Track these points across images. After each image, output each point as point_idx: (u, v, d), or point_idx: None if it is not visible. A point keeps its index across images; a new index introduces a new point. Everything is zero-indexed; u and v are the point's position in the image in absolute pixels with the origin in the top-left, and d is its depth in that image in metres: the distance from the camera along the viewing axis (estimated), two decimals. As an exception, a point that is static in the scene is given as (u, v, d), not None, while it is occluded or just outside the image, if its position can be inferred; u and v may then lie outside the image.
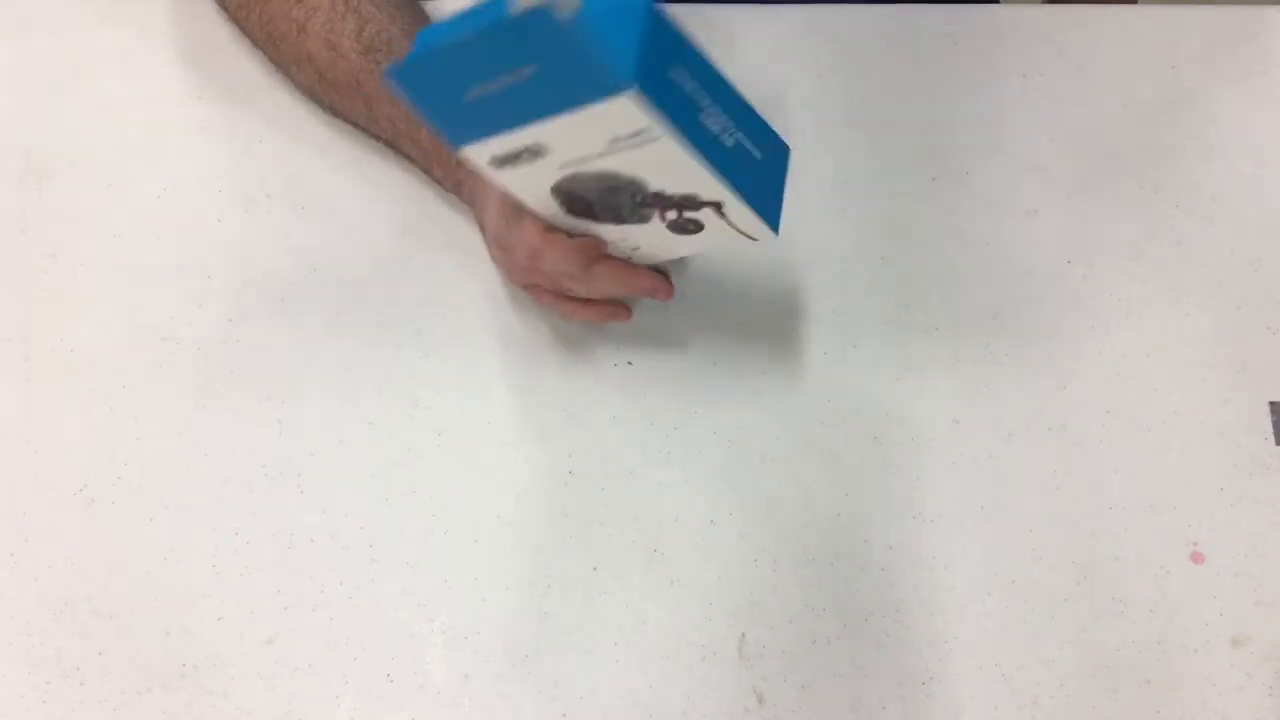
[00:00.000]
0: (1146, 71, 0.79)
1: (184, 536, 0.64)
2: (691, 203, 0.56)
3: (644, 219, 0.58)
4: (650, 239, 0.60)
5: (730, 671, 0.62)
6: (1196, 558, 0.65)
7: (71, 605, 0.63)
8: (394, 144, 0.71)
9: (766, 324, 0.70)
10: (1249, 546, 0.65)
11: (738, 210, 0.56)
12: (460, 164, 0.67)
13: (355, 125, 0.73)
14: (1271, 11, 0.81)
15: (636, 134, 0.51)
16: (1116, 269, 0.72)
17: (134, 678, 0.61)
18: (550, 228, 0.61)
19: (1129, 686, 0.62)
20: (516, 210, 0.61)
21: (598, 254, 0.62)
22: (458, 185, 0.68)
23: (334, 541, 0.64)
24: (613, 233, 0.61)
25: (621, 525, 0.65)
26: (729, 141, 0.55)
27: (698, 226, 0.58)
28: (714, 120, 0.54)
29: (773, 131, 0.59)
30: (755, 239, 0.58)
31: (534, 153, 0.54)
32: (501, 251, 0.65)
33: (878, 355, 0.70)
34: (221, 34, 0.77)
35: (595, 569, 0.64)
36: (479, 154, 0.55)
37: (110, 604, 0.63)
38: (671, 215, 0.58)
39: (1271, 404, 0.68)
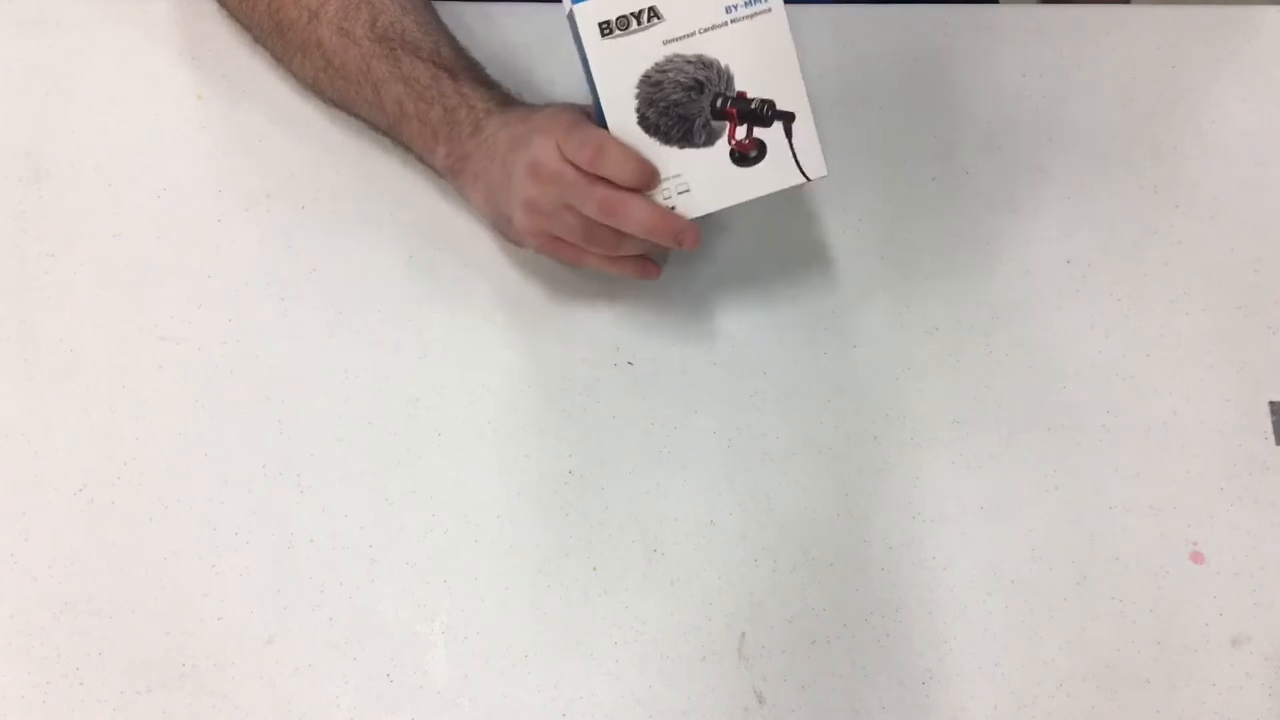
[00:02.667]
0: (1146, 71, 0.79)
1: (184, 536, 0.64)
2: (767, 114, 0.61)
3: (711, 138, 0.61)
4: (705, 172, 0.61)
5: (730, 671, 0.62)
6: (1196, 558, 0.65)
7: (71, 605, 0.63)
8: (396, 129, 0.71)
9: (767, 324, 0.70)
10: (1249, 546, 0.65)
11: (806, 132, 0.61)
12: (473, 135, 0.67)
13: (357, 115, 0.73)
14: (1271, 11, 0.81)
15: (753, 1, 0.59)
16: (1116, 269, 0.72)
17: (134, 678, 0.61)
18: None
19: (1129, 686, 0.62)
20: (579, 120, 0.62)
21: (651, 180, 0.61)
22: (463, 159, 0.68)
23: (334, 541, 0.64)
24: (670, 164, 0.61)
25: (621, 525, 0.65)
26: None
27: (760, 154, 0.61)
28: None
29: None
30: (809, 177, 0.62)
31: (652, 15, 0.59)
32: (540, 184, 0.62)
33: (878, 355, 0.70)
34: (222, 33, 0.77)
35: (595, 569, 0.64)
36: (595, 12, 0.59)
37: (110, 604, 0.63)
38: (741, 134, 0.61)
39: (1271, 404, 0.68)
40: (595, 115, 0.61)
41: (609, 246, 0.63)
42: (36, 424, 0.67)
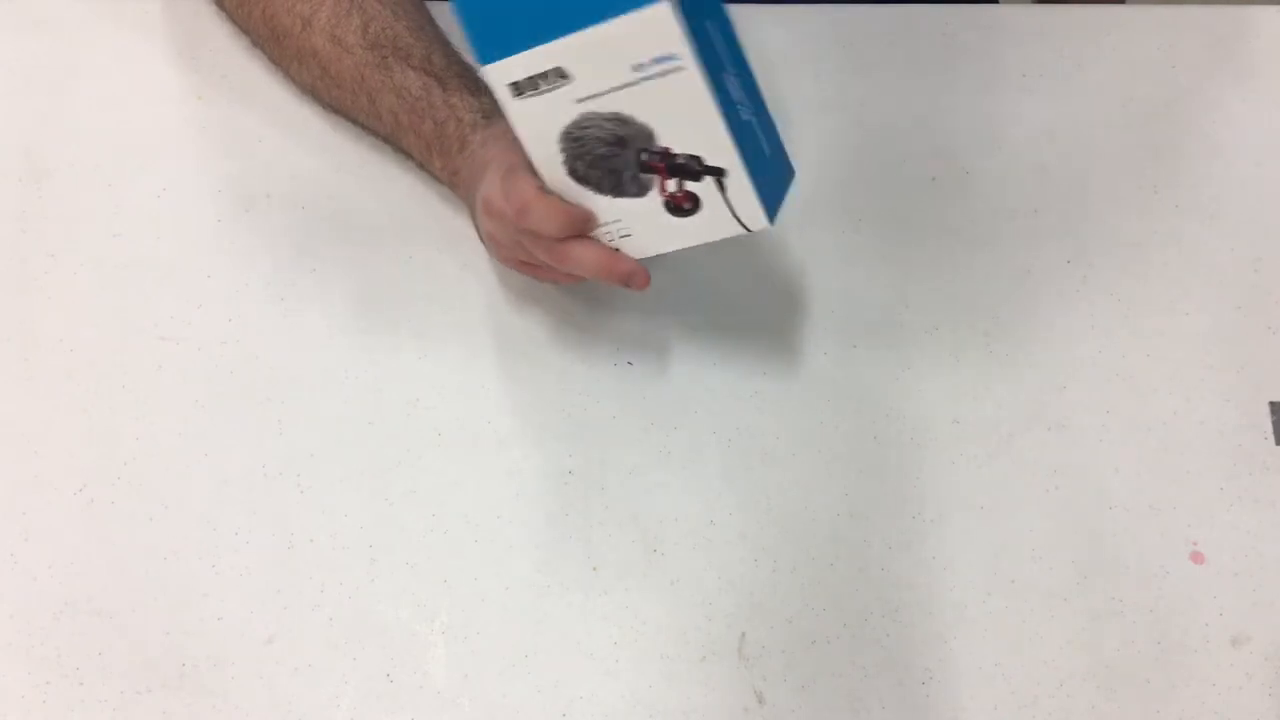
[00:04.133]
0: (1146, 71, 0.79)
1: (184, 536, 0.64)
2: (695, 169, 0.57)
3: (643, 190, 0.58)
4: (643, 221, 0.60)
5: (730, 671, 0.62)
6: (1196, 558, 0.65)
7: (71, 605, 0.63)
8: (394, 138, 0.71)
9: (766, 324, 0.70)
10: (1249, 546, 0.65)
11: (740, 186, 0.57)
12: (460, 150, 0.67)
13: (355, 122, 0.73)
14: (1271, 11, 0.81)
15: (662, 59, 0.53)
16: (1116, 269, 0.72)
17: (134, 678, 0.61)
18: (547, 189, 0.61)
19: (1129, 686, 0.62)
20: (515, 167, 0.61)
21: (583, 226, 0.60)
22: (455, 174, 0.68)
23: (334, 541, 0.64)
24: (606, 211, 0.60)
25: (621, 525, 0.65)
26: (745, 115, 0.57)
27: (694, 206, 0.58)
28: (734, 88, 0.57)
29: (784, 150, 0.61)
30: (749, 229, 0.58)
31: (558, 76, 0.55)
32: (491, 220, 0.63)
33: (878, 355, 0.70)
34: (221, 34, 0.77)
35: (595, 569, 0.64)
36: (504, 73, 0.56)
37: (110, 604, 0.63)
38: (671, 186, 0.58)
39: (1271, 404, 0.68)
40: None
41: (568, 278, 0.64)
42: (36, 424, 0.67)
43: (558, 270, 0.63)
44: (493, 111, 0.67)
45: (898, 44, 0.79)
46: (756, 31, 0.78)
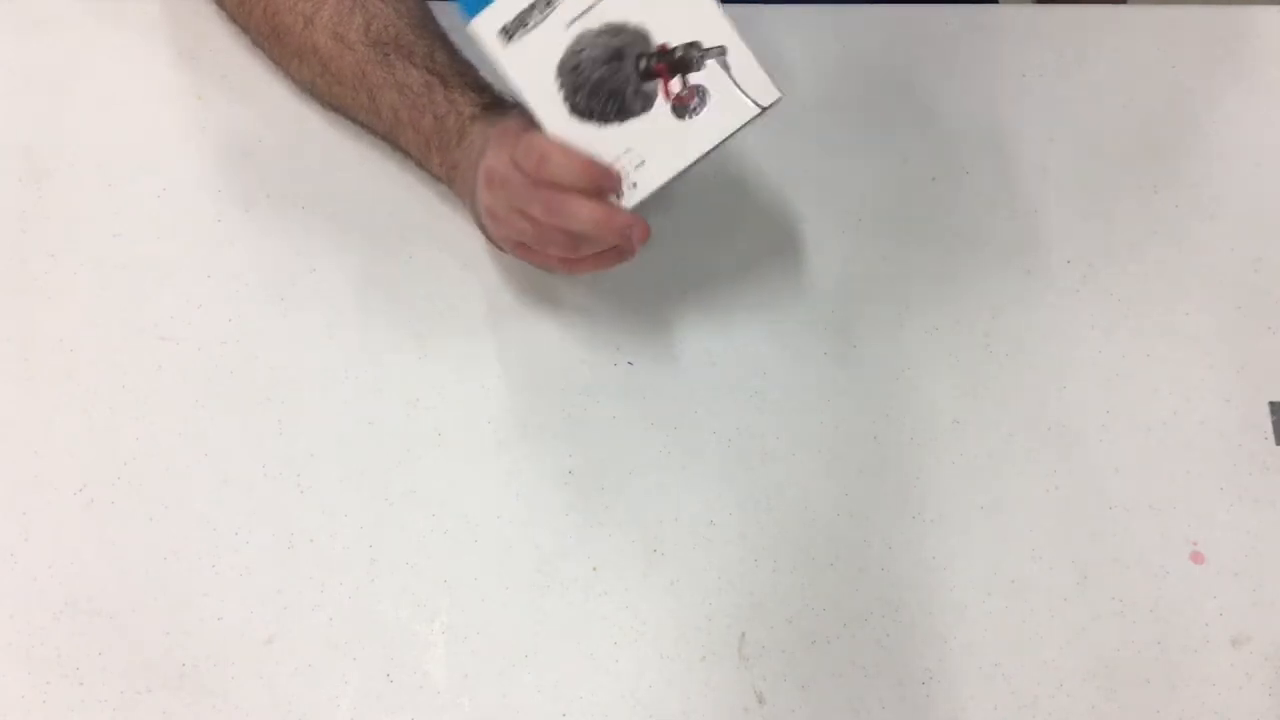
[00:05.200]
0: (1146, 71, 0.79)
1: (184, 536, 0.64)
2: (696, 55, 0.57)
3: (648, 103, 0.59)
4: (655, 138, 0.59)
5: (730, 671, 0.62)
6: (1196, 558, 0.65)
7: (71, 605, 0.63)
8: (393, 135, 0.71)
9: (766, 324, 0.70)
10: (1249, 546, 0.65)
11: (743, 60, 0.58)
12: (459, 143, 0.67)
13: (355, 120, 0.73)
14: (1271, 11, 0.81)
15: None
16: (1116, 269, 0.72)
17: (134, 678, 0.61)
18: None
19: (1129, 686, 0.62)
20: (524, 127, 0.61)
21: (601, 179, 0.59)
22: (453, 168, 0.68)
23: (334, 541, 0.64)
24: (617, 142, 0.60)
25: (621, 525, 0.65)
26: None
27: (702, 101, 0.58)
28: None
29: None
30: (761, 105, 0.58)
31: (545, 3, 0.56)
32: (492, 191, 0.63)
33: (878, 355, 0.70)
34: (221, 34, 0.77)
35: (595, 569, 0.64)
36: (493, 19, 0.57)
37: (110, 604, 0.63)
38: (676, 86, 0.58)
39: (1271, 404, 0.68)
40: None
41: (565, 248, 0.63)
42: (36, 424, 0.67)
43: (548, 248, 0.63)
44: (493, 106, 0.67)
45: (898, 44, 0.79)
46: (756, 31, 0.78)
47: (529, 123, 0.61)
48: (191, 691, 0.61)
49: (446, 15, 0.72)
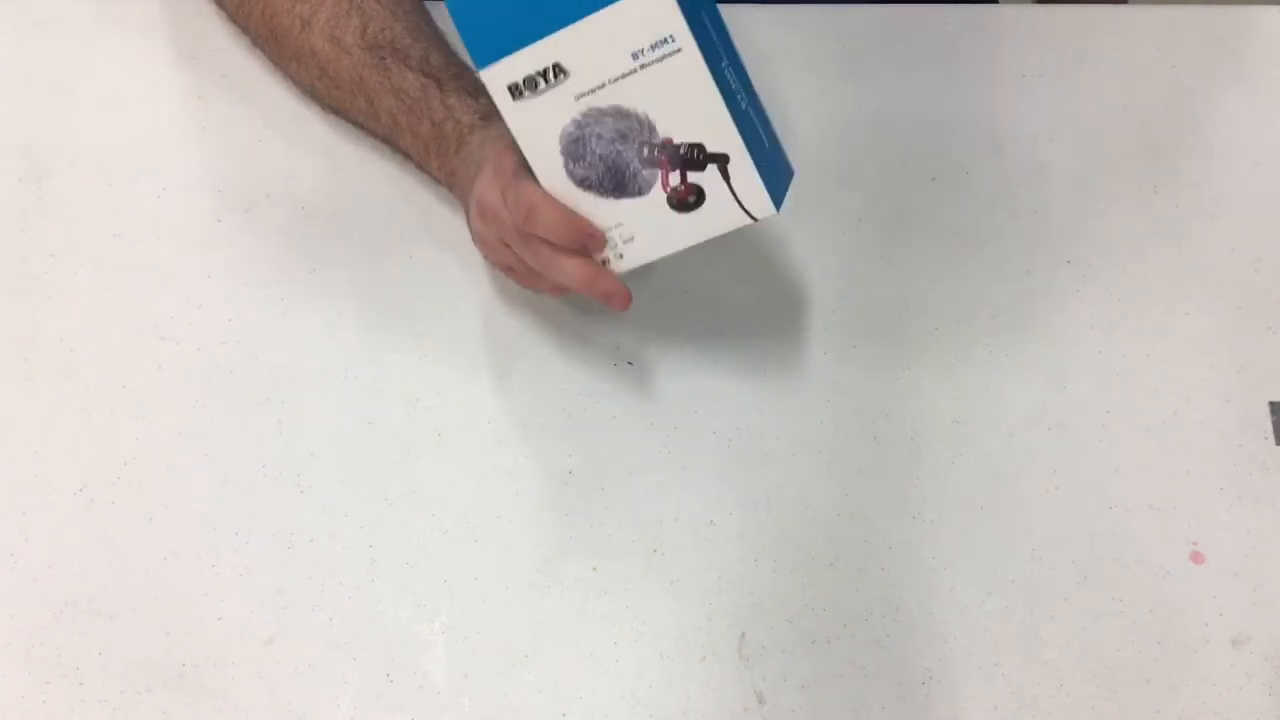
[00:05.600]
0: (1146, 71, 0.79)
1: (184, 536, 0.64)
2: (698, 157, 0.57)
3: (645, 187, 0.58)
4: (646, 220, 0.59)
5: (730, 671, 0.62)
6: (1196, 558, 0.65)
7: (71, 605, 0.63)
8: (392, 138, 0.71)
9: (766, 324, 0.70)
10: (1249, 546, 0.65)
11: (743, 172, 0.57)
12: (457, 151, 0.67)
13: (354, 122, 0.74)
14: (1271, 11, 0.81)
15: (660, 43, 0.53)
16: (1116, 269, 0.72)
17: (134, 678, 0.61)
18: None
19: (1129, 686, 0.62)
20: (516, 171, 0.60)
21: (589, 239, 0.60)
22: (452, 175, 0.68)
23: (334, 541, 0.64)
24: (609, 214, 0.60)
25: (621, 525, 0.65)
26: (743, 105, 0.57)
27: (698, 199, 0.58)
28: (732, 79, 0.57)
29: (783, 149, 0.61)
30: (755, 217, 0.58)
31: (557, 72, 0.55)
32: (483, 222, 0.63)
33: (878, 355, 0.70)
34: (221, 34, 0.77)
35: (595, 569, 0.64)
36: (503, 75, 0.56)
37: (110, 604, 0.63)
38: (674, 180, 0.58)
39: (1271, 404, 0.68)
40: None
41: (552, 287, 0.64)
42: (36, 424, 0.67)
43: (540, 284, 0.64)
44: (491, 113, 0.67)
45: (898, 44, 0.79)
46: (756, 31, 0.78)
47: (519, 165, 0.60)
48: (191, 691, 0.61)
49: (445, 18, 0.72)
